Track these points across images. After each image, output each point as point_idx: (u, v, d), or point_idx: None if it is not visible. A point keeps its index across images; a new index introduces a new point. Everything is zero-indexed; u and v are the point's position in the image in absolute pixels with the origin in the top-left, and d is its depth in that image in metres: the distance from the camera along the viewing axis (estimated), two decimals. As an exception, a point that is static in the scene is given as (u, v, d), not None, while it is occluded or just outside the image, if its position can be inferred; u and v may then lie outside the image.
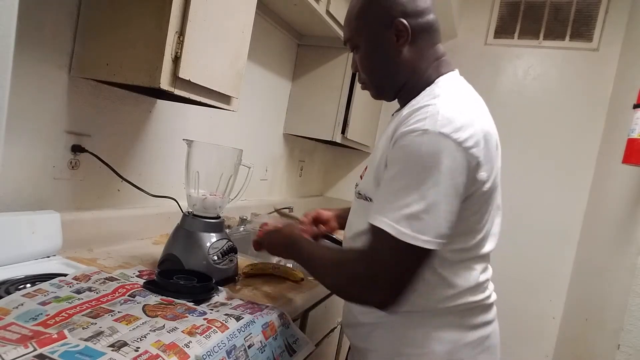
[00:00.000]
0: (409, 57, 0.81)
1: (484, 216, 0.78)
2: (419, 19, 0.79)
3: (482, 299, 0.83)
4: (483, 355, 0.83)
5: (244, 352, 0.76)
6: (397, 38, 0.79)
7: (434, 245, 0.68)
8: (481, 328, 0.83)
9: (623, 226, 1.68)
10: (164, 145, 1.40)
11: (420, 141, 0.68)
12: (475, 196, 0.74)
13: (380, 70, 0.84)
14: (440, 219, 0.68)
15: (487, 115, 0.81)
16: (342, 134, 2.09)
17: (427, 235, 0.67)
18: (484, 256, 0.84)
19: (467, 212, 0.74)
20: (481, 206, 0.77)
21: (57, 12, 0.99)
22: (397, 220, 0.67)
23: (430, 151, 0.67)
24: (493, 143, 0.77)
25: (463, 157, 0.68)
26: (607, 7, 2.30)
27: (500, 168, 0.85)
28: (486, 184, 0.74)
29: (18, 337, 0.62)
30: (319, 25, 1.83)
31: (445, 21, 2.41)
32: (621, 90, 2.13)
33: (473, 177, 0.71)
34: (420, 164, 0.68)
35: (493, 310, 0.88)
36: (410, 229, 0.67)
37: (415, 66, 0.82)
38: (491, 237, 0.84)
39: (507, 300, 2.50)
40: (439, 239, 0.68)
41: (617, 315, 1.51)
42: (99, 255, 1.11)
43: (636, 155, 1.41)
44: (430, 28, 0.82)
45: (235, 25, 1.14)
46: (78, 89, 1.07)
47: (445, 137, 0.67)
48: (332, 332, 1.45)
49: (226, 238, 1.10)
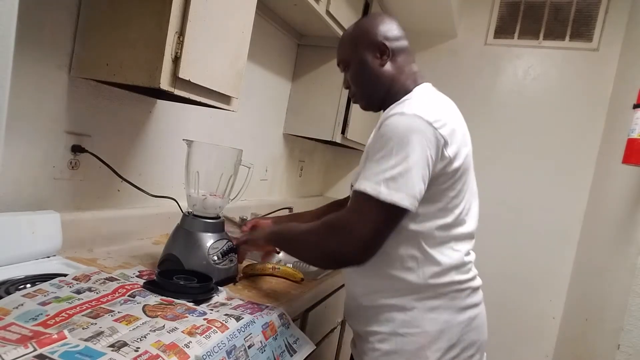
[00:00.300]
0: (391, 71, 1.00)
1: (460, 195, 0.91)
2: (396, 42, 1.01)
3: (467, 279, 0.95)
4: (471, 333, 0.95)
5: (244, 352, 0.76)
6: (381, 55, 1.00)
7: (406, 202, 0.80)
8: (469, 309, 0.95)
9: (623, 226, 1.68)
10: (164, 145, 1.40)
11: (398, 120, 0.85)
12: (448, 173, 0.88)
13: (368, 82, 1.02)
14: (412, 182, 0.81)
15: (457, 115, 0.96)
16: (342, 134, 2.09)
17: (400, 193, 0.80)
18: (466, 237, 0.96)
19: (443, 188, 0.88)
20: (455, 184, 0.90)
21: (57, 12, 0.99)
22: (377, 182, 0.81)
23: (405, 127, 0.83)
24: (459, 133, 0.91)
25: (432, 134, 0.84)
26: (607, 7, 2.30)
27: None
28: (454, 162, 0.88)
29: (18, 337, 0.62)
30: (319, 25, 1.83)
31: (445, 21, 2.42)
32: (621, 90, 2.13)
33: (442, 153, 0.86)
34: (397, 137, 0.83)
35: (479, 293, 1.00)
36: (387, 189, 0.80)
37: (395, 78, 1.00)
38: (470, 217, 0.97)
39: (507, 300, 2.51)
40: (410, 198, 0.81)
41: (617, 315, 1.51)
42: (99, 255, 1.11)
43: (636, 155, 1.41)
44: (406, 50, 1.03)
45: (235, 25, 1.14)
46: (78, 89, 1.07)
47: (418, 117, 0.84)
48: (332, 332, 1.46)
49: (226, 238, 1.10)
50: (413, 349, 0.91)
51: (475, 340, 0.96)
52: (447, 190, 0.89)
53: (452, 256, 0.92)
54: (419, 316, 0.91)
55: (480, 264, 1.13)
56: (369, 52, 1.00)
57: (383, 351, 0.93)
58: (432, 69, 2.47)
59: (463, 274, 0.94)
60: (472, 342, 0.95)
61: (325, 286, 1.24)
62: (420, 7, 2.27)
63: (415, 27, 2.57)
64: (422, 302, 0.91)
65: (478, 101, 2.54)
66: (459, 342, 0.93)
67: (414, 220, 0.88)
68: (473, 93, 2.55)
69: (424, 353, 0.90)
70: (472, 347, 0.95)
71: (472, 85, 2.56)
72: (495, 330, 2.48)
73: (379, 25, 1.01)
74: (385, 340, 0.93)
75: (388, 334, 0.93)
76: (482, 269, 1.10)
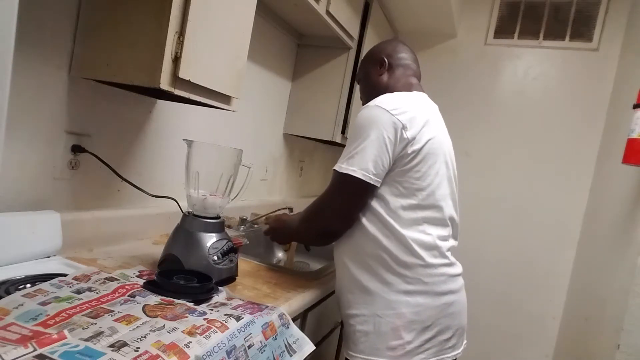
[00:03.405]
0: (386, 80, 1.18)
1: (425, 178, 1.02)
2: (397, 60, 1.19)
3: (441, 264, 1.04)
4: (446, 318, 1.03)
5: (244, 352, 0.76)
6: (380, 67, 1.19)
7: (360, 175, 0.97)
8: (445, 295, 1.04)
9: (623, 226, 1.68)
10: (164, 145, 1.40)
11: (362, 112, 1.02)
12: (408, 154, 0.99)
13: (369, 89, 1.21)
14: (367, 158, 0.97)
15: (424, 109, 1.06)
16: (342, 134, 2.09)
17: (355, 167, 0.97)
18: (439, 222, 1.06)
19: (406, 169, 1.00)
20: (417, 165, 1.00)
21: (57, 12, 0.99)
22: (342, 162, 1.00)
23: (366, 116, 1.01)
24: (421, 120, 1.02)
25: (389, 118, 0.98)
26: (607, 7, 2.30)
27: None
28: (414, 144, 0.99)
29: (18, 337, 0.62)
30: (319, 25, 1.83)
31: (445, 21, 2.42)
32: (621, 90, 2.13)
33: (400, 135, 0.98)
34: (360, 125, 1.00)
35: (458, 281, 1.09)
36: (347, 164, 0.99)
37: (390, 86, 1.16)
38: (444, 203, 1.06)
39: (507, 300, 2.51)
40: (364, 171, 0.97)
41: (617, 315, 1.51)
42: (99, 255, 1.11)
43: (636, 155, 1.41)
44: (406, 65, 1.19)
45: (235, 25, 1.14)
46: (78, 89, 1.07)
47: (378, 107, 1.00)
48: (332, 332, 1.46)
49: (226, 238, 1.10)
50: (389, 329, 1.00)
51: (451, 325, 1.05)
52: (409, 171, 1.00)
53: (422, 238, 1.02)
54: (396, 299, 1.01)
55: (481, 264, 1.13)
56: (373, 65, 1.21)
57: (363, 332, 1.03)
58: (432, 69, 2.47)
59: (436, 257, 1.03)
60: (447, 327, 1.04)
61: (325, 286, 1.24)
62: (420, 7, 2.27)
63: (415, 27, 2.57)
64: (398, 285, 1.01)
65: (478, 101, 2.54)
66: (434, 325, 1.02)
67: (382, 199, 1.01)
68: (473, 93, 2.54)
69: (399, 333, 1.00)
70: (447, 331, 1.04)
71: (472, 85, 2.56)
72: (495, 330, 2.49)
73: (386, 46, 1.22)
74: (365, 322, 1.03)
75: (368, 316, 1.03)
76: (482, 269, 1.10)
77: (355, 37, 2.01)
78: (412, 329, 1.00)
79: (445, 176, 1.08)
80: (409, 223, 1.01)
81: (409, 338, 1.00)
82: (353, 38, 2.00)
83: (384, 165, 0.98)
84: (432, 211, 1.04)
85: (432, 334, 1.01)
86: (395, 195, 1.01)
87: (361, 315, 1.04)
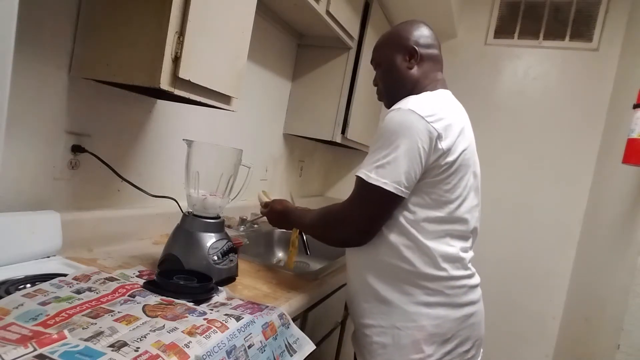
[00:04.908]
0: (416, 74, 1.06)
1: (454, 190, 0.95)
2: (427, 49, 1.07)
3: (463, 276, 0.99)
4: (466, 330, 0.99)
5: (244, 352, 0.76)
6: (409, 59, 1.06)
7: (392, 188, 0.89)
8: (466, 307, 0.99)
9: (623, 226, 1.68)
10: (164, 145, 1.40)
11: (393, 115, 0.94)
12: (441, 166, 0.93)
13: (394, 82, 1.09)
14: (400, 169, 0.89)
15: (458, 114, 1.00)
16: (342, 134, 2.09)
17: (387, 179, 0.90)
18: (462, 235, 1.00)
19: (437, 180, 0.93)
20: (449, 178, 0.94)
21: (57, 12, 0.99)
22: (369, 170, 0.92)
23: (399, 121, 0.92)
24: (456, 129, 0.96)
25: (425, 126, 0.90)
26: (607, 7, 2.30)
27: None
28: (449, 155, 0.93)
29: (18, 337, 0.62)
30: (319, 25, 1.83)
31: (445, 21, 2.41)
32: (621, 90, 2.13)
33: (435, 146, 0.91)
34: (391, 130, 0.92)
35: (477, 291, 1.04)
36: (376, 175, 0.90)
37: (419, 82, 1.06)
38: (470, 216, 1.01)
39: (507, 300, 2.51)
40: (395, 184, 0.90)
41: (617, 315, 1.50)
42: (99, 255, 1.11)
43: (636, 155, 1.41)
44: (434, 58, 1.08)
45: (235, 25, 1.14)
46: (78, 89, 1.07)
47: (412, 112, 0.91)
48: (332, 332, 1.46)
49: (226, 238, 1.10)
50: (409, 342, 0.96)
51: (470, 336, 1.00)
52: (440, 183, 0.94)
53: (447, 250, 0.96)
54: (416, 311, 0.96)
55: (481, 264, 1.13)
56: (399, 54, 1.07)
57: (381, 344, 0.98)
58: (432, 69, 2.46)
59: (458, 269, 0.98)
60: (467, 338, 0.99)
61: (325, 286, 1.24)
62: (420, 7, 2.27)
63: (415, 27, 2.57)
64: (419, 296, 0.96)
65: (478, 101, 2.54)
66: (454, 338, 0.97)
67: (407, 209, 0.95)
68: (473, 93, 2.54)
69: (419, 347, 0.95)
70: (467, 343, 1.00)
71: (472, 85, 2.56)
72: (496, 330, 2.49)
73: (413, 31, 1.08)
74: (383, 334, 0.98)
75: (386, 327, 0.97)
76: (482, 269, 1.10)
77: (355, 37, 2.02)
78: (433, 342, 0.96)
79: (472, 187, 1.02)
80: (433, 235, 0.95)
81: (430, 351, 0.95)
82: (353, 38, 2.00)
83: (415, 176, 0.92)
84: (457, 225, 0.98)
85: (452, 346, 0.97)
86: (421, 206, 0.94)
87: (378, 326, 0.99)
